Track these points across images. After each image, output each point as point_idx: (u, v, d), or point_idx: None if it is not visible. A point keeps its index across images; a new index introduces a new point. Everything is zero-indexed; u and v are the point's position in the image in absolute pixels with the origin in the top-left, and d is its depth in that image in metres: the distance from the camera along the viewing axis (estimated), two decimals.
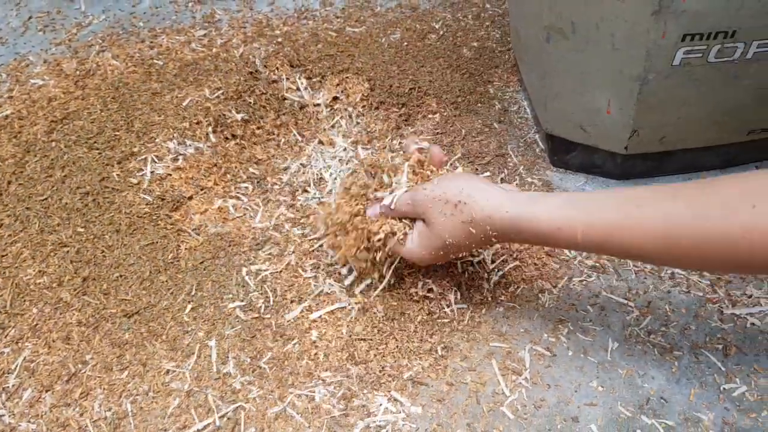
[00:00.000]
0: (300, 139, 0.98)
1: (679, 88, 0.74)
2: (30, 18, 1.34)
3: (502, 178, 0.92)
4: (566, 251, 0.82)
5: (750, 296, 0.77)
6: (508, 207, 0.61)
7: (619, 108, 0.78)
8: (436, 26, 1.23)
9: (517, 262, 0.80)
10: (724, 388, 0.69)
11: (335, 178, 0.91)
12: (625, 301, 0.77)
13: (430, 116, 1.03)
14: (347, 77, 1.06)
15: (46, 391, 0.71)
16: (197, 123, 0.96)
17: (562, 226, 0.58)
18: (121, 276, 0.82)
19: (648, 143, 0.83)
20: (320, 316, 0.76)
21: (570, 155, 0.91)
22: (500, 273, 0.80)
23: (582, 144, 0.88)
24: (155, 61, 1.16)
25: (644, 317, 0.75)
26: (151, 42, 1.22)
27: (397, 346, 0.73)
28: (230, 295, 0.79)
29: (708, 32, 0.68)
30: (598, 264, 0.81)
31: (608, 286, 0.79)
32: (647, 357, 0.72)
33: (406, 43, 1.18)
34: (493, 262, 0.80)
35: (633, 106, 0.76)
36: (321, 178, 0.92)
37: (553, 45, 0.77)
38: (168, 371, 0.72)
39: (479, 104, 1.05)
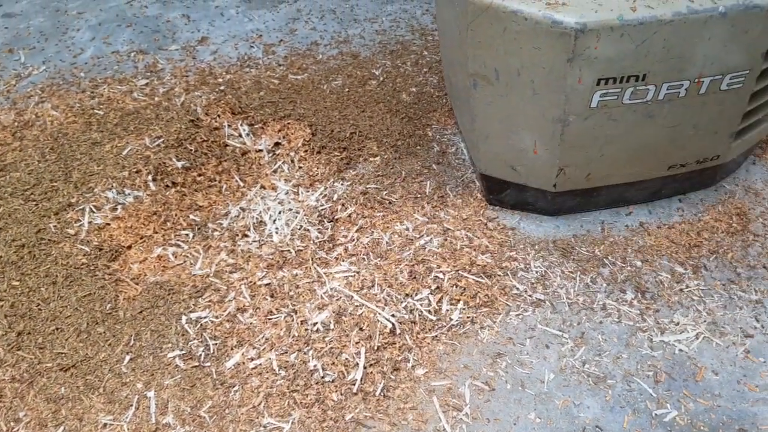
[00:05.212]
0: (242, 184, 0.99)
1: (599, 128, 0.78)
2: None
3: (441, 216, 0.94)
4: (517, 285, 0.84)
5: (677, 323, 0.79)
6: None
7: (545, 148, 0.81)
8: (377, 73, 1.26)
9: (462, 304, 0.81)
10: (656, 414, 0.71)
11: (275, 221, 0.92)
12: (560, 333, 0.79)
13: (371, 159, 1.05)
14: (289, 123, 1.08)
15: None
16: (137, 172, 0.96)
17: None
18: (57, 329, 0.80)
19: (575, 181, 0.86)
20: (261, 363, 0.76)
21: (504, 194, 0.94)
22: (451, 315, 0.81)
23: (514, 183, 0.91)
24: (96, 111, 1.16)
25: (578, 348, 0.78)
26: (92, 92, 1.22)
27: (338, 389, 0.73)
28: (169, 344, 0.79)
29: (621, 76, 0.72)
30: (535, 298, 0.83)
31: (543, 318, 0.81)
32: (582, 387, 0.74)
33: (347, 90, 1.20)
34: (439, 302, 0.81)
35: (557, 146, 0.80)
36: (261, 221, 0.93)
37: (479, 91, 0.80)
38: (105, 425, 0.71)
39: (418, 147, 1.08)
